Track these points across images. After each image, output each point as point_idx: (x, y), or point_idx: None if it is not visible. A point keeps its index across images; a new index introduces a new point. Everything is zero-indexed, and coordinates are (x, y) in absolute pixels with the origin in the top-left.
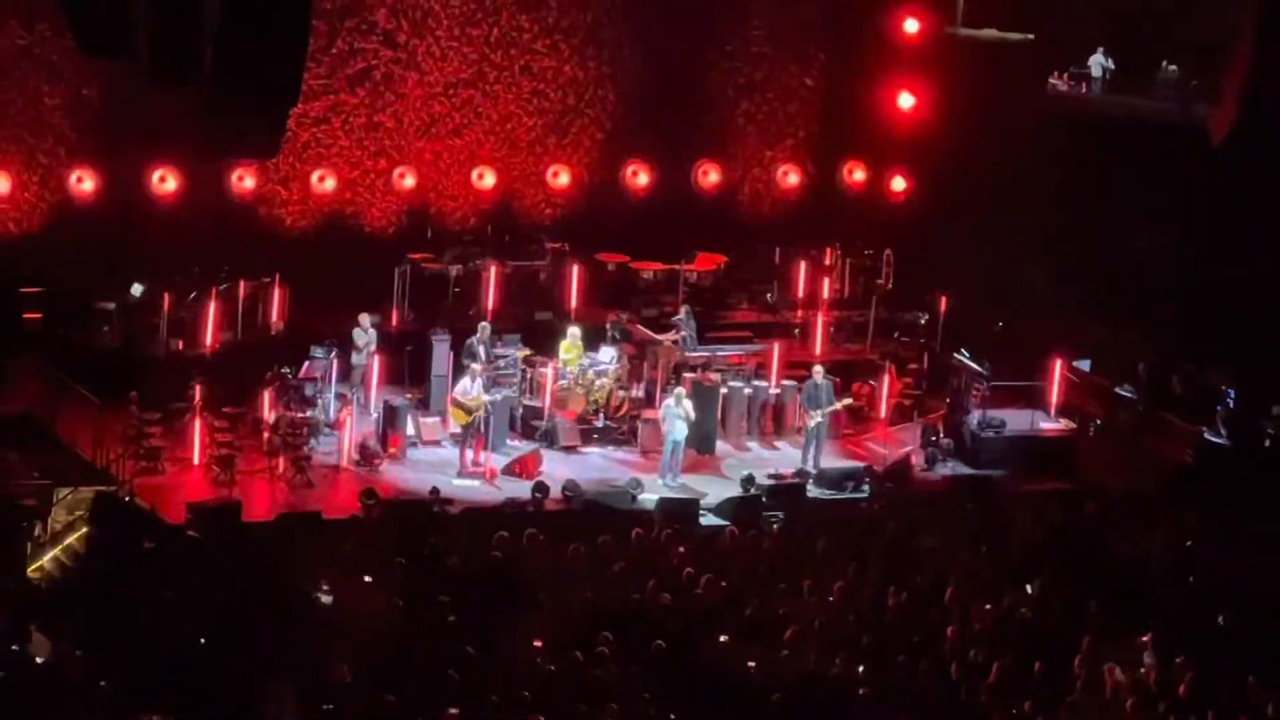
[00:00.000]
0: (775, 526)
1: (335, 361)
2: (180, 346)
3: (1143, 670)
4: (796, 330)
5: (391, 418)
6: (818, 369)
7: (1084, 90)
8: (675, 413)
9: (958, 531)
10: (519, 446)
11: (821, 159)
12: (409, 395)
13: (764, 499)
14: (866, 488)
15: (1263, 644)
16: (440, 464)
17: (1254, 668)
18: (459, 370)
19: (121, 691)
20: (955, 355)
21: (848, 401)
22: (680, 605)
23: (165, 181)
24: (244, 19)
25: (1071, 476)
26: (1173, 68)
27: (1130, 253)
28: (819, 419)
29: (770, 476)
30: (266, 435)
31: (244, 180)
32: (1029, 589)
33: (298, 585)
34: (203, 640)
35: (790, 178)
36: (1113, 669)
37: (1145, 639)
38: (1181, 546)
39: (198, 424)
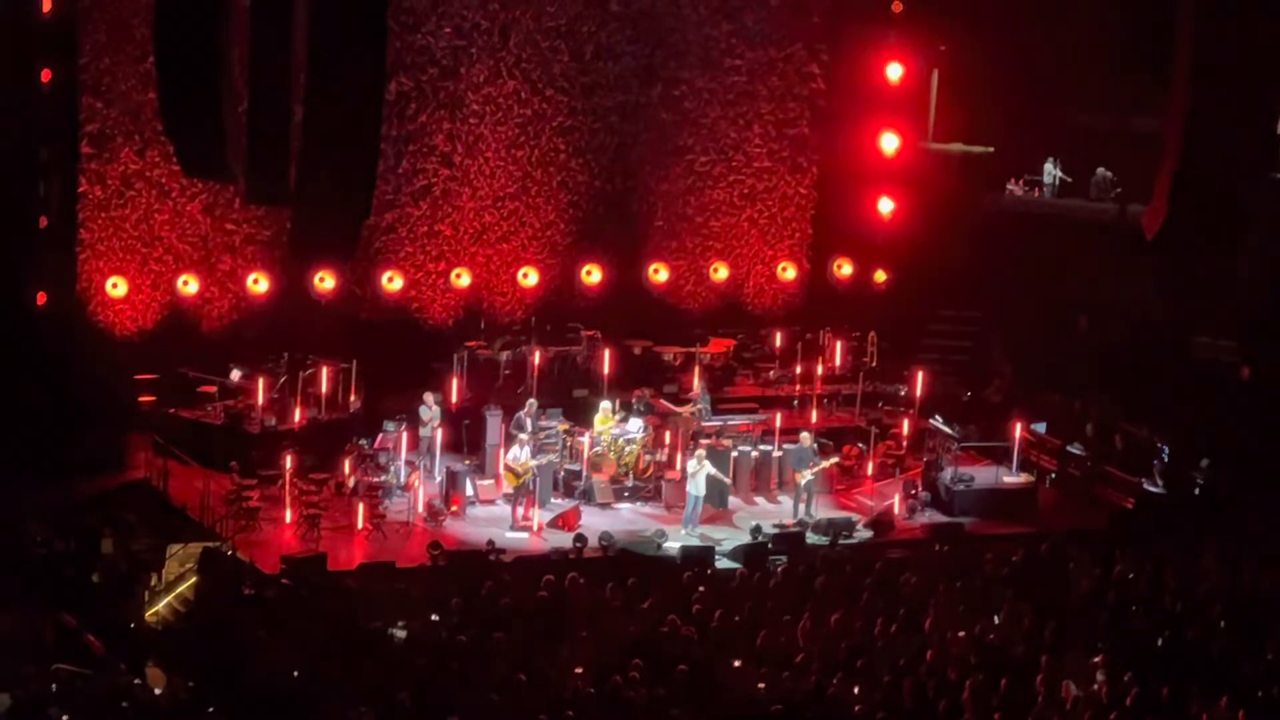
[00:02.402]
0: (780, 568)
1: (405, 433)
2: (273, 423)
3: (1095, 686)
4: (795, 402)
5: (453, 481)
6: (805, 434)
7: (1036, 194)
8: (699, 471)
9: (935, 569)
10: (562, 504)
11: (815, 256)
12: (468, 462)
13: (770, 545)
14: (857, 534)
15: (1195, 661)
16: (495, 519)
17: (1189, 682)
18: (509, 440)
19: (226, 718)
20: (931, 421)
21: (833, 460)
22: (700, 635)
23: (258, 283)
24: (324, 147)
25: (1030, 521)
26: (1108, 173)
27: (1076, 333)
28: (809, 476)
29: (775, 526)
30: (347, 497)
31: (325, 281)
32: (996, 618)
33: (374, 624)
34: (295, 672)
35: (788, 272)
36: (1069, 685)
37: (1097, 659)
38: (1124, 579)
39: (289, 488)
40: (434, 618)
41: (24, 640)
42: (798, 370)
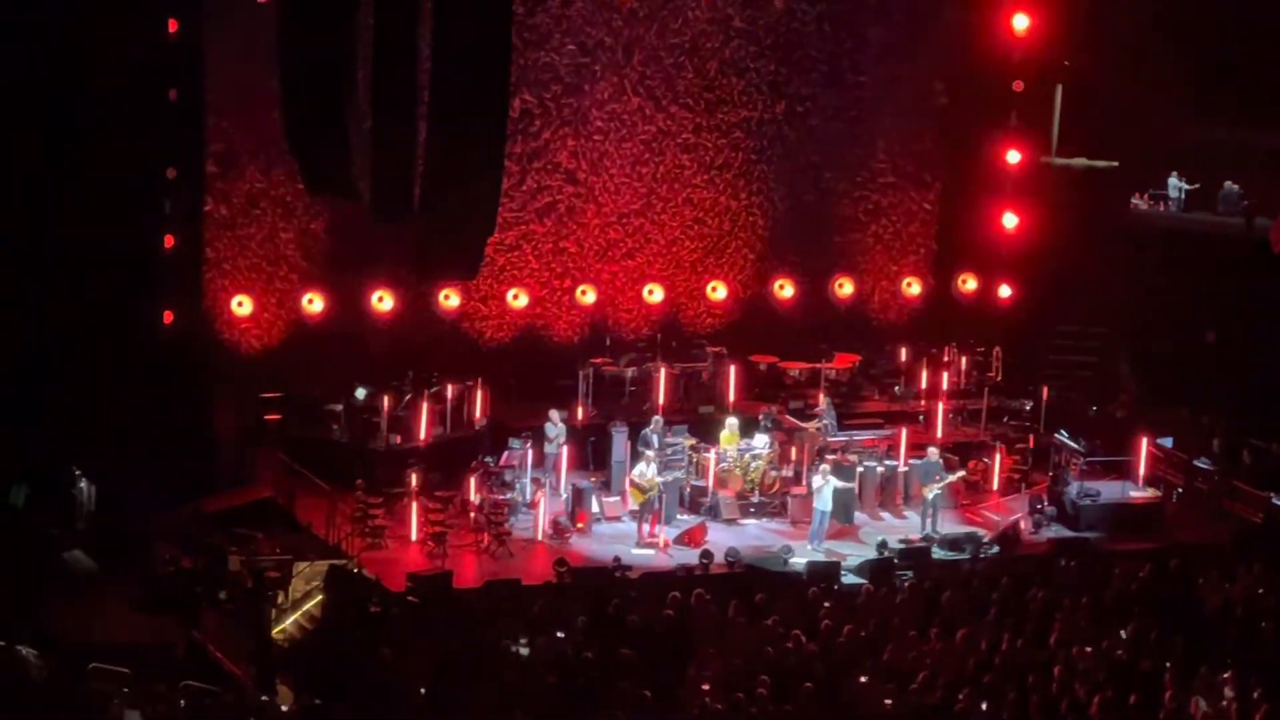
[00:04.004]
0: (906, 583)
1: (530, 451)
2: (398, 440)
3: (1224, 703)
4: (920, 417)
5: (579, 498)
6: (931, 449)
7: (1162, 208)
8: (825, 487)
9: (1061, 585)
10: (687, 520)
11: (939, 271)
12: (593, 479)
13: (896, 560)
14: (982, 549)
15: None
16: (621, 536)
17: None
18: (635, 456)
19: None
20: (1056, 435)
21: (960, 474)
22: (826, 651)
23: (383, 301)
24: (448, 164)
25: (1157, 536)
26: (1235, 186)
27: (1202, 347)
28: (936, 491)
29: (901, 541)
30: (473, 514)
31: (449, 299)
32: (1123, 633)
33: (500, 642)
34: (421, 689)
35: (913, 288)
36: (1197, 702)
37: (1226, 675)
38: (1253, 594)
39: (414, 506)
40: (559, 635)
41: (153, 658)
42: (923, 385)
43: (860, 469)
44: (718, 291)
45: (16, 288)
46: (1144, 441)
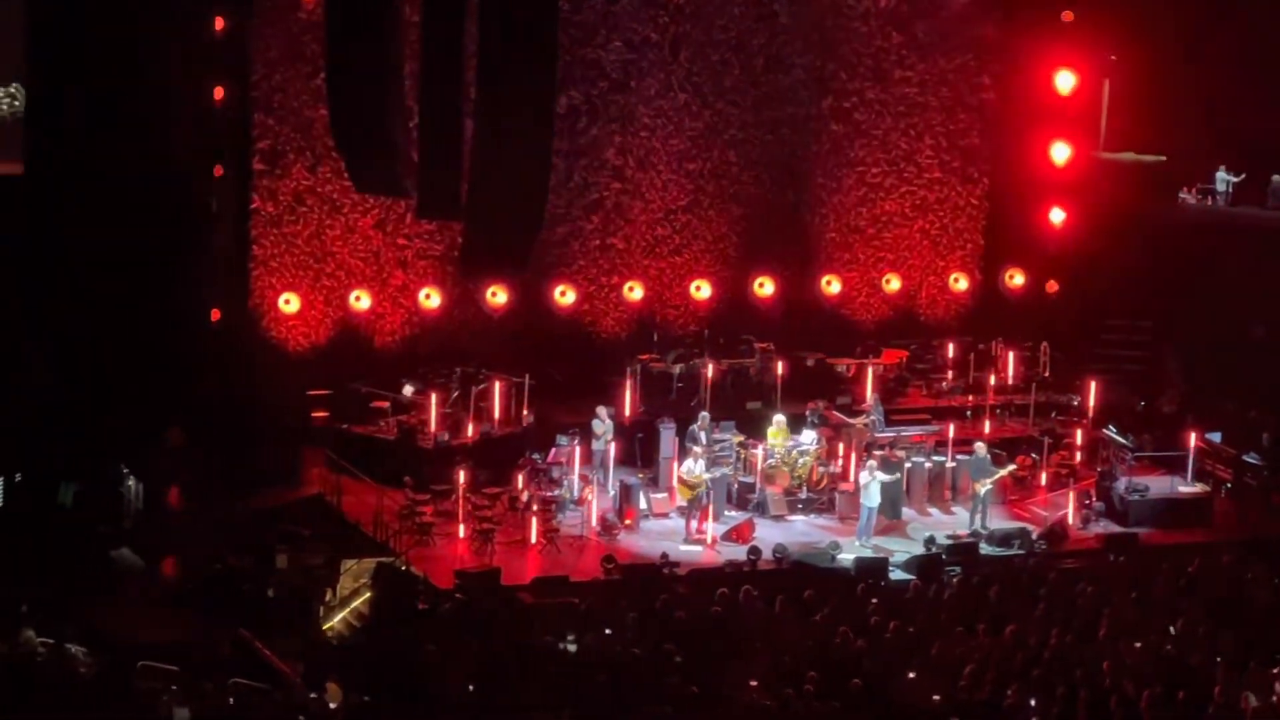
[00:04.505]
0: (954, 579)
1: (578, 447)
2: (446, 437)
3: (1275, 698)
4: (968, 412)
5: (627, 494)
6: (980, 445)
7: (1210, 202)
8: (872, 483)
9: (1110, 580)
10: (735, 516)
11: (987, 266)
12: (641, 475)
13: (944, 556)
14: (1030, 545)
15: None
16: (669, 533)
17: None
18: (683, 453)
19: None
20: (1104, 431)
21: (1011, 468)
22: (874, 647)
23: (430, 298)
24: (496, 161)
25: (1206, 531)
26: None
27: (1251, 341)
28: (987, 486)
29: (948, 537)
30: (521, 511)
31: (497, 295)
32: (1172, 628)
33: (548, 639)
34: (470, 687)
35: (960, 283)
36: (1247, 697)
37: (1276, 670)
38: None
39: (462, 503)
40: (607, 632)
41: (201, 655)
42: (970, 381)
43: (908, 464)
44: (765, 287)
45: (64, 286)
46: (1192, 436)
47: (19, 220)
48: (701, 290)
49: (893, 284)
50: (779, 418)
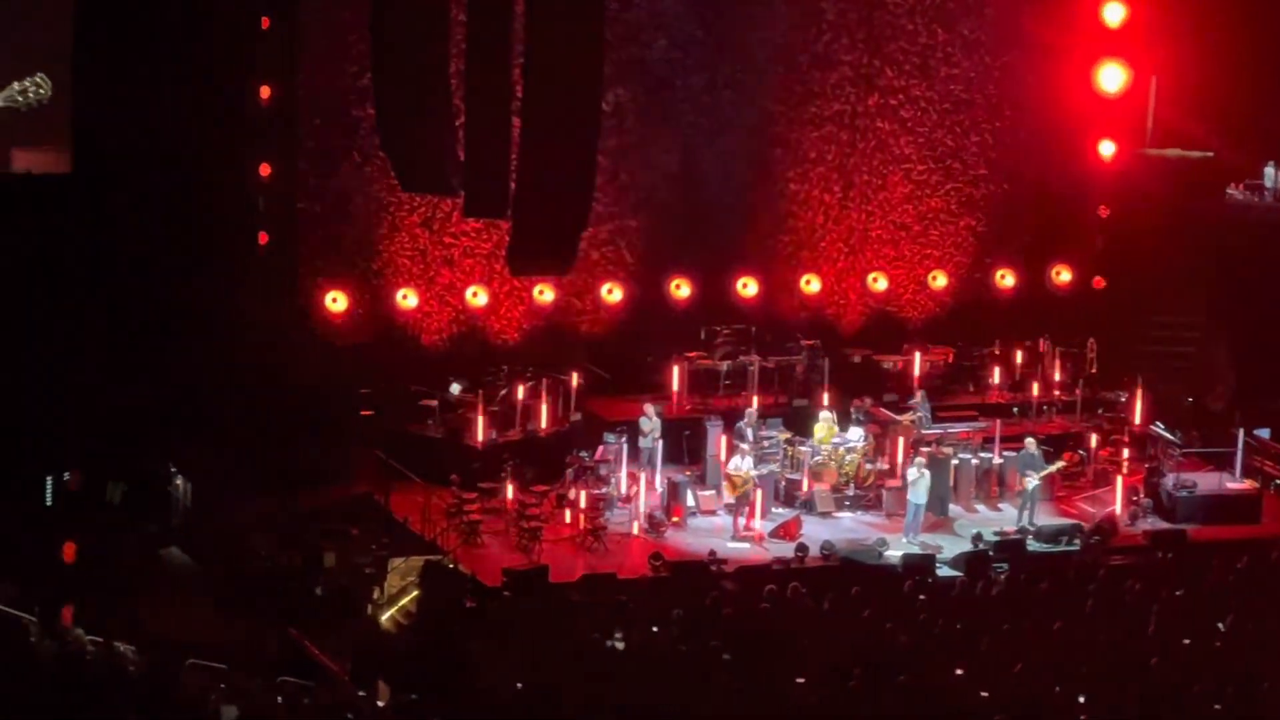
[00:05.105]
0: (1001, 575)
1: (625, 445)
2: (494, 436)
3: None
4: (1015, 409)
5: (674, 492)
6: (1029, 440)
7: (1258, 199)
8: (920, 480)
9: (1158, 576)
10: (783, 513)
11: (1033, 263)
12: (688, 472)
13: (991, 553)
14: (1079, 541)
15: None
16: (716, 530)
17: None
18: (730, 450)
19: None
20: (1152, 427)
21: (1060, 465)
22: (921, 644)
23: (477, 296)
24: (542, 159)
25: (1255, 528)
26: None
27: None
28: (1035, 482)
29: (996, 533)
30: (568, 509)
31: (544, 294)
32: (1221, 625)
33: (596, 636)
34: (518, 684)
35: (1007, 280)
36: None
37: None
38: None
39: (510, 501)
40: (655, 629)
41: (249, 654)
42: (1017, 377)
43: (955, 461)
44: (811, 285)
45: (111, 285)
46: (1241, 432)
47: (67, 218)
48: (748, 287)
49: (939, 280)
50: (826, 415)
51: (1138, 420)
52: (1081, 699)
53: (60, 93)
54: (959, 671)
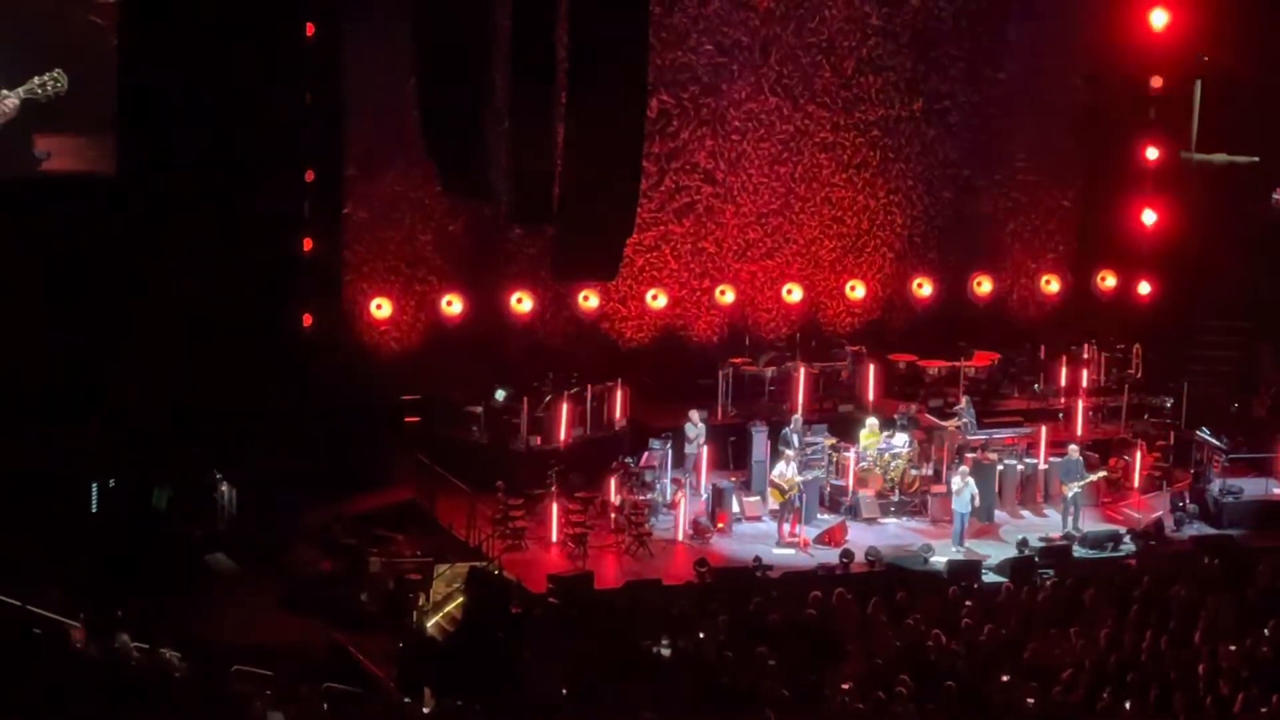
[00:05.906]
0: (1047, 582)
1: (670, 451)
2: (538, 442)
3: None
4: (1060, 415)
5: (719, 498)
6: (1073, 447)
7: None
8: (964, 486)
9: (1204, 582)
10: (828, 519)
11: (1078, 268)
12: (733, 478)
13: (1037, 559)
14: (1125, 547)
15: None
16: (761, 536)
17: None
18: (775, 456)
19: None
20: (1197, 432)
21: (1103, 473)
22: (967, 650)
23: (522, 303)
24: (586, 165)
25: None
26: None
27: None
28: (1076, 489)
29: (1041, 539)
30: (613, 515)
31: (589, 300)
32: (1267, 630)
33: (641, 642)
34: (563, 691)
35: (1052, 285)
36: None
37: None
38: None
39: (555, 507)
40: (701, 635)
41: (295, 660)
42: (1062, 383)
43: (1000, 467)
44: (856, 290)
45: (156, 291)
46: None
47: (112, 223)
48: (793, 293)
49: (984, 286)
50: (871, 420)
51: (1183, 425)
52: (1128, 705)
53: (103, 93)
54: (1005, 678)
